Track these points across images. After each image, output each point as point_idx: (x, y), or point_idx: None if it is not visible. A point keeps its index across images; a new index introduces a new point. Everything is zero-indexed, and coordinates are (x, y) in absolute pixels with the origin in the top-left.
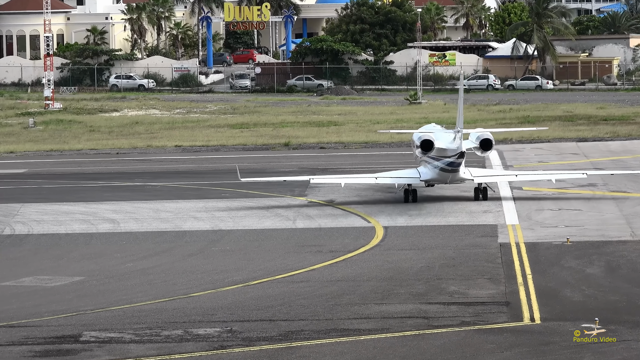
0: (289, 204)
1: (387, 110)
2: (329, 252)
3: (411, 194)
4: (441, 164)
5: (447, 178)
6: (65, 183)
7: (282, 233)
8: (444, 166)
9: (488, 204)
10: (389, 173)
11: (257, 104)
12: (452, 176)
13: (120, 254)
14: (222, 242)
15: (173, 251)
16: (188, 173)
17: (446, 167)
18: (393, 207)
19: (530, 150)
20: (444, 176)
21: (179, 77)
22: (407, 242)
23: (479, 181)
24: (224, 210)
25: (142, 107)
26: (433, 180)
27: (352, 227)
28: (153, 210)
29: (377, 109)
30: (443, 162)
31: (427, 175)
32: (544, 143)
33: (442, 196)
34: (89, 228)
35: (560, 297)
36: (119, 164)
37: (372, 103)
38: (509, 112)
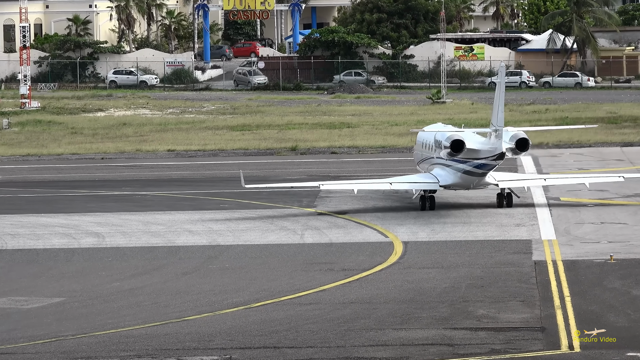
0: (296, 216)
1: (407, 111)
2: (341, 271)
3: (428, 201)
4: (468, 166)
5: (471, 183)
6: (43, 192)
7: (289, 249)
8: (471, 169)
9: (521, 217)
10: (404, 177)
11: (260, 102)
12: (478, 180)
13: (106, 272)
14: (220, 258)
15: (165, 269)
16: (182, 181)
17: (474, 169)
18: (413, 219)
19: (569, 156)
20: (468, 180)
21: (172, 73)
22: (429, 260)
23: (503, 186)
24: (222, 222)
25: (130, 107)
26: (455, 185)
27: (368, 242)
28: (143, 223)
29: (396, 109)
30: (471, 165)
31: (447, 180)
32: (584, 148)
33: (461, 203)
34: (70, 243)
35: (602, 322)
36: (104, 170)
37: (390, 102)
38: (544, 113)
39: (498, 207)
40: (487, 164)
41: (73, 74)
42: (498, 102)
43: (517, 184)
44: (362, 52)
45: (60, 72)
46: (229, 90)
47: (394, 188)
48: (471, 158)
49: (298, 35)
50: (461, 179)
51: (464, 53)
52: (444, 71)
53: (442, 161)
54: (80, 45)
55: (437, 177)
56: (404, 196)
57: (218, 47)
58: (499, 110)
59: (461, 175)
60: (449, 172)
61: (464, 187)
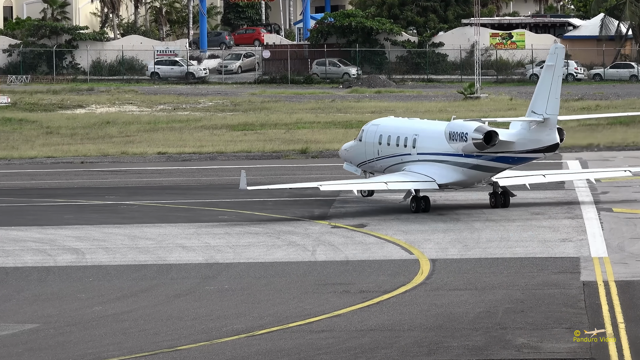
0: (307, 230)
1: (435, 107)
2: (358, 293)
3: (423, 202)
4: (484, 160)
5: (481, 180)
6: (14, 201)
7: (298, 267)
8: (489, 163)
9: (567, 231)
10: (398, 175)
11: (265, 98)
12: (488, 177)
13: (86, 295)
14: (219, 279)
15: (155, 291)
16: (175, 188)
17: (497, 164)
18: (442, 232)
19: (623, 160)
20: (476, 177)
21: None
22: (461, 280)
23: (502, 183)
24: (221, 237)
25: (114, 102)
26: (457, 183)
27: (390, 260)
28: (129, 238)
29: (422, 105)
30: (489, 159)
31: (446, 178)
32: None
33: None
34: (45, 260)
35: None
36: (84, 176)
37: (416, 98)
38: (594, 110)
39: (493, 207)
40: (524, 158)
41: (48, 65)
42: (550, 87)
43: (515, 181)
44: (383, 40)
45: (33, 63)
46: (228, 84)
47: (390, 188)
48: (500, 151)
49: (309, 20)
50: (467, 176)
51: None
52: (478, 61)
53: (437, 157)
54: (57, 31)
55: (429, 175)
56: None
57: (217, 33)
58: (549, 96)
59: (468, 171)
60: (448, 169)
61: (467, 186)
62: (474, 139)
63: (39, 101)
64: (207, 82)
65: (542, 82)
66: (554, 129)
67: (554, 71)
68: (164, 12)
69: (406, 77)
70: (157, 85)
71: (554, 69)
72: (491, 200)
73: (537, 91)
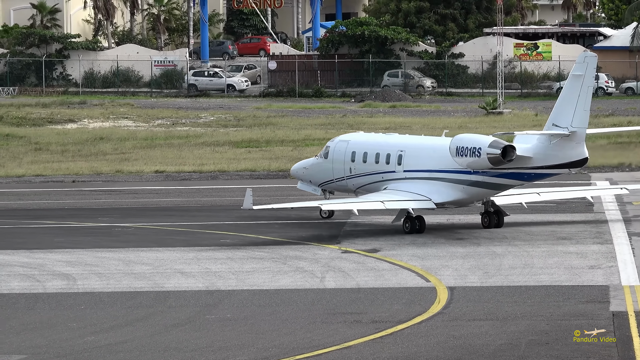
0: (316, 254)
1: (455, 123)
2: (371, 323)
3: (418, 223)
4: (490, 177)
5: (482, 198)
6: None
7: (306, 295)
8: (496, 180)
9: (596, 257)
10: (395, 194)
11: (272, 112)
12: (492, 195)
13: (77, 324)
14: (220, 307)
15: (151, 320)
16: (173, 210)
17: (507, 181)
18: (461, 258)
19: None
20: (478, 195)
21: (161, 75)
22: (481, 310)
23: (499, 202)
24: (223, 262)
25: (108, 117)
26: (454, 202)
27: (404, 288)
28: (123, 262)
29: (441, 120)
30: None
31: (443, 196)
32: None
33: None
34: (34, 286)
35: None
36: (75, 196)
37: (434, 113)
38: (626, 126)
39: (487, 227)
40: (541, 174)
41: (37, 76)
42: (577, 98)
43: (510, 200)
44: (398, 50)
45: (21, 74)
46: (232, 97)
47: (388, 207)
48: (516, 167)
49: (319, 29)
50: (467, 194)
51: (526, 51)
52: (501, 74)
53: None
54: (47, 39)
55: (423, 194)
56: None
57: (219, 42)
58: (577, 108)
59: (468, 189)
60: (445, 187)
61: (464, 204)
62: (490, 154)
63: (27, 115)
64: (209, 95)
65: (567, 92)
66: (582, 143)
67: (582, 81)
68: (162, 20)
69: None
70: (155, 98)
71: (583, 79)
72: (484, 220)
73: (561, 103)
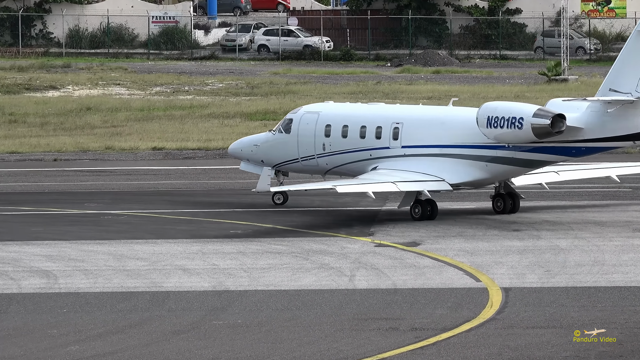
0: (344, 248)
1: (510, 92)
2: (409, 331)
3: (429, 207)
4: (526, 152)
5: (509, 177)
6: None
7: (332, 297)
8: (535, 156)
9: None
10: (407, 174)
11: (291, 78)
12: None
13: (59, 330)
14: (229, 310)
15: (147, 326)
16: (174, 194)
17: (549, 157)
18: (518, 254)
19: None
20: (505, 174)
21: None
22: (542, 315)
23: (518, 183)
24: (233, 257)
25: (97, 83)
26: (473, 182)
27: (450, 289)
28: (114, 257)
29: (493, 89)
30: (542, 149)
31: (460, 176)
32: None
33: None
34: (6, 285)
35: None
36: (57, 177)
37: (485, 79)
38: None
39: (500, 212)
40: (595, 148)
41: (12, 34)
42: None
43: (527, 180)
44: (443, 5)
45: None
46: (244, 60)
47: (401, 189)
48: (565, 140)
49: None
50: (491, 173)
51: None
52: (566, 35)
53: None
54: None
55: (443, 173)
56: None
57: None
58: None
59: (494, 167)
60: (462, 165)
61: (483, 185)
62: (536, 125)
63: (0, 80)
64: (217, 58)
65: (630, 52)
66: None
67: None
68: None
69: (473, 53)
70: (153, 61)
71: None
72: (496, 204)
73: (622, 64)
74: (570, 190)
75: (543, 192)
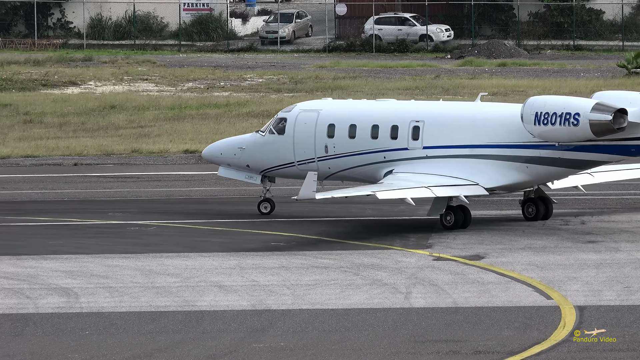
0: (399, 262)
1: (584, 87)
2: (473, 354)
3: (462, 214)
4: (582, 152)
5: (551, 179)
6: None
7: (386, 317)
8: (586, 156)
9: None
10: (439, 178)
11: (339, 72)
12: (567, 175)
13: (80, 355)
14: (271, 332)
15: (179, 350)
16: (208, 202)
17: (602, 156)
18: (595, 268)
19: None
20: (548, 176)
21: (193, 23)
22: (620, 336)
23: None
24: (275, 272)
25: (122, 78)
26: (510, 186)
27: (518, 307)
28: (142, 273)
29: (566, 83)
30: (600, 149)
31: (497, 179)
32: None
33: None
34: (22, 304)
35: None
36: (77, 184)
37: (557, 73)
38: None
39: (532, 219)
40: None
41: (27, 24)
42: None
43: (564, 183)
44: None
45: (5, 20)
46: (286, 52)
47: (437, 194)
48: (623, 138)
49: None
50: (532, 175)
51: None
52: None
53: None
54: None
55: (478, 175)
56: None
57: None
58: None
59: (537, 168)
60: (499, 167)
61: (520, 189)
62: (595, 121)
63: (14, 76)
64: (256, 50)
65: None
66: None
67: None
68: None
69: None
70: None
71: None
72: (527, 210)
73: None
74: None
75: (619, 198)
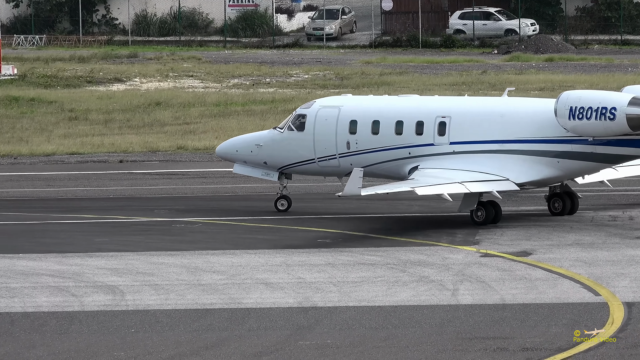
0: (446, 259)
1: (633, 82)
2: (520, 351)
3: (494, 209)
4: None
5: (580, 174)
6: (23, 217)
7: (433, 314)
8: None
9: None
10: (469, 174)
11: (386, 68)
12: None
13: (126, 353)
14: (317, 330)
15: (226, 347)
16: (253, 200)
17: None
18: None
19: None
20: (578, 171)
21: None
22: None
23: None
24: (321, 269)
25: (167, 75)
26: (540, 181)
27: (565, 304)
28: (188, 270)
29: (613, 78)
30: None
31: (528, 174)
32: None
33: None
34: (68, 302)
35: None
36: (123, 181)
37: (605, 68)
38: None
39: (559, 214)
40: None
41: (72, 20)
42: None
43: (590, 178)
44: None
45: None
46: (332, 48)
47: (472, 190)
48: None
49: None
50: (563, 170)
51: None
52: None
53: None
54: None
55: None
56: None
57: None
58: None
59: (568, 163)
60: (529, 162)
61: (549, 184)
62: (632, 115)
63: (59, 73)
64: (302, 46)
65: None
66: None
67: None
68: None
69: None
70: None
71: None
72: (553, 205)
73: None
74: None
75: None
